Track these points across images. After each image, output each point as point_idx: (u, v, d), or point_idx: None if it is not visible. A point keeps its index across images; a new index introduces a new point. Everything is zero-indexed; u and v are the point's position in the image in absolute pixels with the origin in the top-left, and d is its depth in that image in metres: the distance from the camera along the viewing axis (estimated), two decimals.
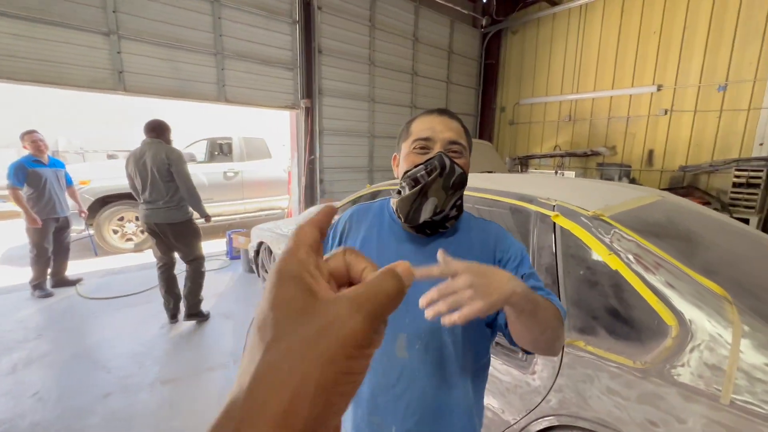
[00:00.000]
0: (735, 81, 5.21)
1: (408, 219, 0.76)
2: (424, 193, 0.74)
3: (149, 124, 2.84)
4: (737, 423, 0.90)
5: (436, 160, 0.74)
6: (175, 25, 4.07)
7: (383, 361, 0.76)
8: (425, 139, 0.77)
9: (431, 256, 0.73)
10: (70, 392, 2.23)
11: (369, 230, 0.83)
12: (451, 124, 0.79)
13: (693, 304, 1.04)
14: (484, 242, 0.81)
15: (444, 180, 0.74)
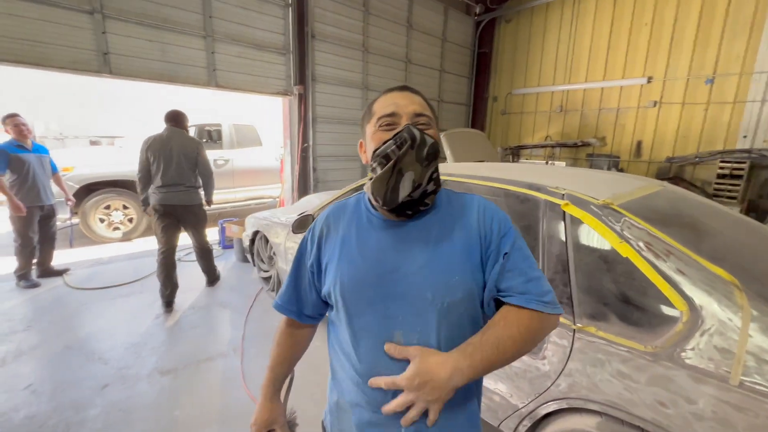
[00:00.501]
0: (722, 74, 5.33)
1: (386, 201, 0.71)
2: (398, 169, 0.69)
3: (171, 113, 3.08)
4: (746, 402, 0.94)
5: (405, 132, 0.69)
6: (163, 5, 3.90)
7: (380, 363, 0.72)
8: (390, 114, 0.74)
9: (413, 239, 0.74)
10: (66, 384, 2.18)
11: (347, 228, 0.80)
12: (414, 98, 0.77)
13: (703, 290, 1.07)
14: (463, 216, 0.77)
15: (417, 152, 0.69)
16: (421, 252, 0.73)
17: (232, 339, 2.73)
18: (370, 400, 0.73)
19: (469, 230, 0.75)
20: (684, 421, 1.01)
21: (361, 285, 0.74)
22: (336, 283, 0.76)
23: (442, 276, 0.71)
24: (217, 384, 2.24)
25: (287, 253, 2.90)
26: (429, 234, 0.75)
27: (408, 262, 0.72)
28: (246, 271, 4.08)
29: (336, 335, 0.81)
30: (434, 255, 0.72)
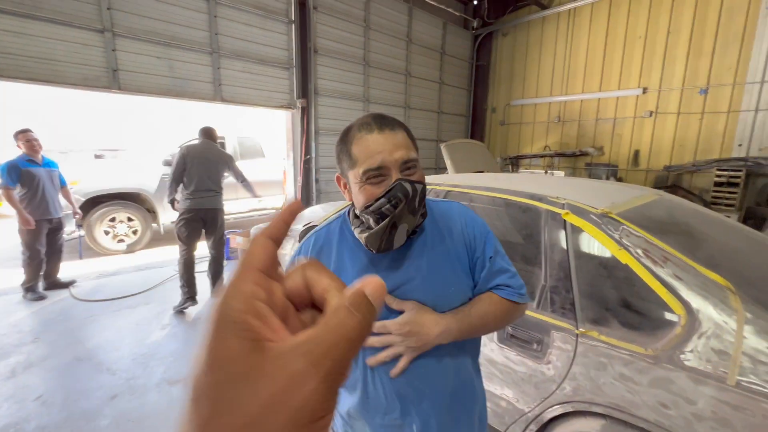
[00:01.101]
0: (716, 85, 5.45)
1: (381, 250, 0.74)
2: (394, 224, 0.71)
3: (206, 129, 3.42)
4: (742, 402, 0.98)
5: (398, 192, 0.69)
6: (171, 23, 4.03)
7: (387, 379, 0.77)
8: (378, 168, 0.70)
9: (408, 257, 0.78)
10: (75, 395, 2.20)
11: (339, 255, 0.81)
12: (397, 138, 0.72)
13: (699, 294, 1.12)
14: (452, 229, 0.82)
15: (409, 204, 0.70)
16: (417, 268, 0.78)
17: None
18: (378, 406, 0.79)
19: (455, 240, 0.81)
20: (685, 422, 1.05)
21: None
22: None
23: (440, 289, 0.77)
24: None
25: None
26: (421, 251, 0.79)
27: (407, 281, 0.77)
28: None
29: None
30: (430, 269, 0.78)
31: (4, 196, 3.21)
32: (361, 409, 0.82)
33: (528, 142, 7.78)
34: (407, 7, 6.42)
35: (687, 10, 5.59)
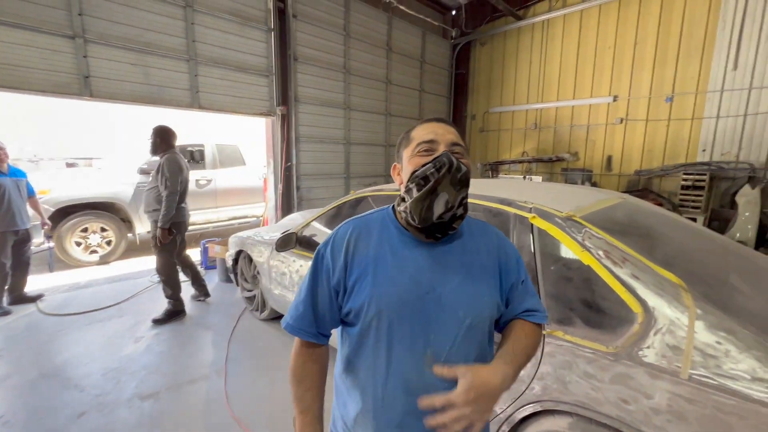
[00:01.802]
0: (680, 93, 5.73)
1: (422, 218, 0.77)
2: (435, 190, 0.76)
3: (173, 133, 3.26)
4: (695, 394, 1.03)
5: (444, 157, 0.76)
6: (146, 30, 3.97)
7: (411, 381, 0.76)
8: (429, 141, 0.80)
9: (445, 261, 0.81)
10: (40, 414, 2.10)
11: (380, 244, 0.82)
12: (451, 129, 0.83)
13: (655, 292, 1.17)
14: (489, 246, 0.87)
15: (452, 176, 0.76)
16: (453, 274, 0.80)
17: (215, 360, 2.70)
18: (392, 417, 0.78)
19: (491, 256, 0.85)
20: (644, 416, 1.09)
21: (400, 304, 0.77)
22: (372, 303, 0.77)
23: (473, 297, 0.79)
24: (200, 406, 2.20)
25: (271, 271, 2.92)
26: (460, 259, 0.82)
27: (442, 283, 0.78)
28: (230, 291, 4.04)
29: (355, 353, 0.82)
30: (466, 278, 0.80)
31: None
32: (366, 419, 0.80)
33: (507, 149, 7.96)
34: (386, 16, 6.51)
35: (652, 22, 5.88)
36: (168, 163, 3.06)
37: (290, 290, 2.71)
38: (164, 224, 3.03)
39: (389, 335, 0.77)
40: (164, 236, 3.07)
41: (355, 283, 0.79)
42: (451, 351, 0.77)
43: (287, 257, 2.72)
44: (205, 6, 4.37)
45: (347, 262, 0.81)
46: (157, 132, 3.17)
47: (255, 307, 3.36)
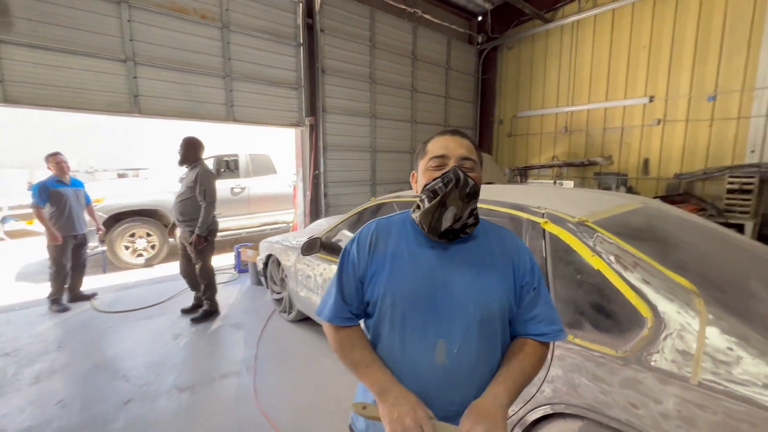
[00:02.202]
0: (724, 91, 5.39)
1: (430, 229, 0.85)
2: (443, 203, 0.82)
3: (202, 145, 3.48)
4: (705, 400, 1.02)
5: (451, 173, 0.82)
6: (187, 51, 4.32)
7: (423, 369, 0.82)
8: (440, 156, 0.86)
9: (459, 260, 0.87)
10: (93, 400, 2.34)
11: (397, 242, 0.90)
12: (463, 142, 0.88)
13: (665, 297, 1.17)
14: (503, 247, 0.91)
15: (459, 191, 0.81)
16: (466, 272, 0.85)
17: (246, 358, 2.86)
18: None
19: (505, 259, 0.89)
20: (653, 421, 1.09)
21: (414, 297, 0.84)
22: (387, 294, 0.85)
23: (483, 293, 0.84)
24: (230, 400, 2.36)
25: (297, 274, 3.07)
26: (472, 257, 0.88)
27: (455, 280, 0.85)
28: (260, 294, 4.25)
29: (375, 341, 0.90)
30: (477, 275, 0.86)
31: (35, 214, 3.47)
32: None
33: (536, 153, 7.79)
34: (411, 26, 6.64)
35: (690, 18, 5.60)
36: (205, 175, 3.26)
37: (315, 292, 2.83)
38: (203, 232, 3.24)
39: (402, 325, 0.84)
40: (200, 242, 3.26)
41: (374, 275, 0.88)
42: (463, 343, 0.82)
43: (312, 261, 2.85)
44: (240, 26, 4.69)
45: (369, 257, 0.90)
46: (187, 143, 3.31)
47: (283, 309, 3.53)
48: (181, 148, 3.31)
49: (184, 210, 3.31)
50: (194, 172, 3.27)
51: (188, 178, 3.31)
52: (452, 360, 0.82)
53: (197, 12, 4.35)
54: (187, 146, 3.31)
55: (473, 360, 0.83)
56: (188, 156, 3.32)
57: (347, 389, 2.45)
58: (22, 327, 3.36)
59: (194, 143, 3.34)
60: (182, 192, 3.31)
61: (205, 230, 3.26)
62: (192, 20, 4.31)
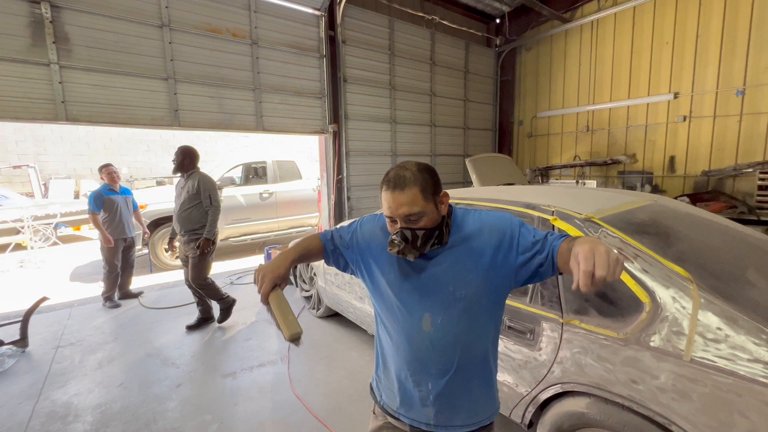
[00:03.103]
0: (753, 85, 5.26)
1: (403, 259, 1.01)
2: (403, 253, 0.97)
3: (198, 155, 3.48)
4: (696, 375, 1.14)
5: (399, 237, 0.95)
6: (221, 67, 4.67)
7: (413, 335, 1.00)
8: (389, 216, 0.97)
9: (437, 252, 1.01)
10: (148, 383, 2.64)
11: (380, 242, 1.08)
12: (402, 197, 0.93)
13: (662, 284, 1.29)
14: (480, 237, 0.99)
15: (411, 245, 0.95)
16: (443, 259, 1.00)
17: (280, 349, 3.10)
18: (406, 362, 1.03)
19: (481, 243, 0.99)
20: (651, 395, 1.21)
21: (398, 278, 1.02)
22: (381, 274, 1.05)
23: (459, 275, 0.99)
24: (268, 386, 2.59)
25: (326, 273, 3.29)
26: (450, 248, 1.02)
27: (435, 266, 1.00)
28: (290, 292, 4.51)
29: (379, 313, 1.10)
30: (453, 261, 1.01)
31: (91, 219, 3.86)
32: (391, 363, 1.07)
33: (557, 153, 7.76)
34: (430, 32, 6.81)
35: (716, 12, 5.50)
36: (207, 181, 3.32)
37: (343, 289, 3.04)
38: (212, 235, 3.32)
39: (397, 301, 1.03)
40: (208, 245, 3.30)
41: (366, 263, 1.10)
42: (445, 316, 0.98)
43: None
44: (268, 42, 5.01)
45: (364, 241, 1.11)
46: (183, 152, 3.31)
47: (312, 306, 3.76)
48: (177, 156, 3.32)
49: (189, 219, 3.30)
50: (194, 179, 3.29)
51: (187, 187, 3.30)
52: (437, 329, 0.99)
53: (229, 31, 4.70)
54: (184, 155, 3.32)
55: (455, 329, 0.99)
56: (185, 164, 3.32)
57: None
58: (82, 321, 3.74)
59: (191, 152, 3.35)
60: (183, 201, 3.29)
61: (214, 233, 3.34)
62: (225, 39, 4.66)
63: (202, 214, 3.32)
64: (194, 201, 3.28)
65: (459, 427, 1.03)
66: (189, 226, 3.31)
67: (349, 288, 2.93)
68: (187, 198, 3.27)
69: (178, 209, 3.33)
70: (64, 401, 2.45)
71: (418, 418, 1.04)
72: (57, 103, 3.75)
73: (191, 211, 3.29)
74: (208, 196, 3.30)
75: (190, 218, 3.30)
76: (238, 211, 6.26)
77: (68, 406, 2.40)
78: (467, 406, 1.02)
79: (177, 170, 3.36)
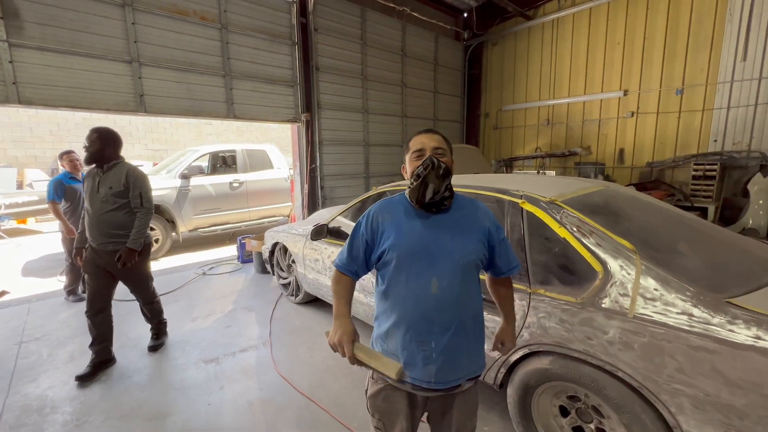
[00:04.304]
0: (690, 85, 5.85)
1: (417, 201, 1.17)
2: (425, 182, 1.13)
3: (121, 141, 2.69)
4: (637, 328, 1.37)
5: (428, 161, 1.15)
6: (189, 51, 4.51)
7: (421, 297, 1.13)
8: (419, 150, 1.20)
9: (443, 224, 1.21)
10: (128, 373, 2.62)
11: (399, 215, 1.22)
12: (434, 137, 1.22)
13: (612, 255, 1.52)
14: (474, 216, 1.23)
15: (435, 171, 1.13)
16: (449, 231, 1.17)
17: (261, 335, 3.16)
18: (412, 323, 1.15)
19: (476, 221, 1.22)
20: (602, 348, 1.44)
21: (411, 249, 1.15)
22: (394, 248, 1.16)
23: (462, 246, 1.17)
24: (253, 369, 2.66)
25: (305, 259, 3.36)
26: (451, 223, 1.20)
27: (440, 237, 1.16)
28: (266, 280, 4.53)
29: (387, 284, 1.20)
30: (458, 233, 1.19)
31: (51, 209, 3.66)
32: (395, 329, 1.19)
33: (520, 145, 8.19)
34: (400, 23, 6.90)
35: (660, 17, 6.02)
36: (138, 177, 2.58)
37: (323, 274, 3.14)
38: (138, 245, 2.57)
39: (407, 269, 1.16)
40: (132, 257, 2.56)
41: (382, 237, 1.21)
42: (450, 279, 1.15)
43: (319, 246, 3.15)
44: (238, 26, 4.89)
45: (377, 226, 1.22)
46: (104, 137, 2.50)
47: (290, 293, 3.82)
48: (94, 142, 2.47)
49: (114, 223, 2.52)
50: (118, 173, 2.52)
51: (108, 182, 2.50)
52: (443, 291, 1.14)
53: (197, 13, 4.54)
54: (105, 140, 2.50)
55: (458, 291, 1.16)
56: (106, 153, 2.51)
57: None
58: (44, 316, 3.57)
59: (114, 137, 2.56)
60: (103, 200, 2.48)
61: (141, 243, 2.60)
62: (193, 22, 4.50)
63: (129, 219, 2.56)
64: (119, 200, 2.50)
65: (454, 381, 1.18)
66: (108, 232, 2.51)
67: (330, 273, 3.03)
68: (109, 196, 2.48)
69: (95, 211, 2.50)
70: (37, 394, 2.39)
71: (420, 377, 1.15)
72: (8, 84, 3.49)
73: (114, 213, 2.50)
74: (139, 195, 2.55)
75: (113, 222, 2.51)
76: (207, 200, 6.10)
77: (43, 399, 2.34)
78: (465, 361, 1.18)
79: (93, 160, 2.50)
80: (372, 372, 1.28)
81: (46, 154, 10.30)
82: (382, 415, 1.25)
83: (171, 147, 11.67)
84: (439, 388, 1.17)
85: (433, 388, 1.17)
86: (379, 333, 1.26)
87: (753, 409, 1.13)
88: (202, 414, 2.20)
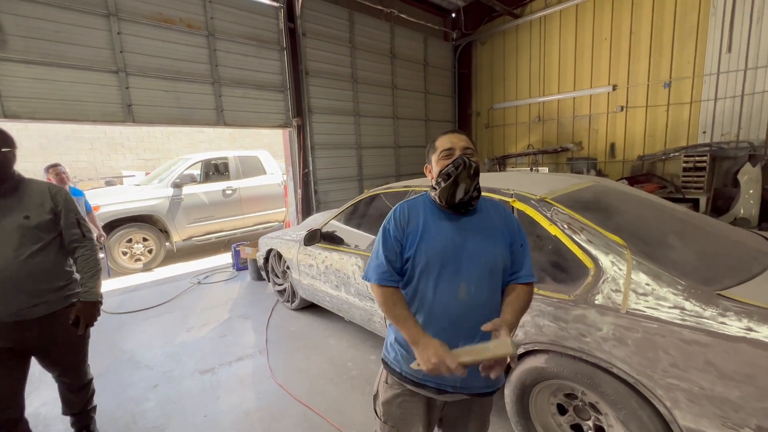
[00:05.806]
0: (677, 78, 5.90)
1: (448, 201, 1.14)
2: (456, 181, 1.12)
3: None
4: (630, 323, 1.37)
5: (459, 160, 1.12)
6: (176, 59, 4.48)
7: (450, 303, 1.12)
8: (449, 149, 1.16)
9: (470, 227, 1.19)
10: (122, 386, 2.58)
11: (425, 216, 1.19)
12: (463, 137, 1.20)
13: (603, 252, 1.51)
14: (499, 217, 1.22)
15: (467, 171, 1.11)
16: (476, 236, 1.16)
17: (257, 343, 3.13)
18: (439, 329, 1.10)
19: (501, 224, 1.20)
20: (596, 344, 1.44)
21: (441, 253, 1.12)
22: (423, 251, 1.13)
23: (490, 251, 1.15)
24: (249, 378, 2.63)
25: (300, 265, 3.34)
26: (479, 226, 1.19)
27: (469, 241, 1.14)
28: (261, 287, 4.49)
29: (414, 289, 1.16)
30: (485, 238, 1.17)
31: None
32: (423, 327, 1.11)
33: (512, 143, 8.22)
34: (389, 25, 6.90)
35: (646, 12, 6.08)
36: (65, 197, 1.72)
37: (318, 279, 3.12)
38: (99, 295, 1.83)
39: (436, 274, 1.14)
40: (96, 314, 1.84)
41: (409, 240, 1.17)
42: (477, 285, 1.13)
43: (313, 251, 3.13)
44: (225, 33, 4.87)
45: (405, 228, 1.18)
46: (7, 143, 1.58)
47: (286, 299, 3.80)
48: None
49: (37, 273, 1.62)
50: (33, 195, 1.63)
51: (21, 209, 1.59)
52: (471, 296, 1.13)
53: (183, 21, 4.51)
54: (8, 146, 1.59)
55: (485, 296, 1.14)
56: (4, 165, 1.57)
57: (353, 362, 2.76)
58: None
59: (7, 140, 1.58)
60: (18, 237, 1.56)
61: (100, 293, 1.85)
62: (179, 30, 4.48)
63: (62, 260, 1.75)
64: (45, 235, 1.64)
65: (478, 387, 1.16)
66: (44, 284, 1.66)
67: (324, 278, 3.01)
68: (27, 232, 1.59)
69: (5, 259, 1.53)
70: (29, 412, 2.33)
71: (446, 380, 1.12)
72: None
73: (40, 256, 1.63)
74: (77, 221, 1.74)
75: (43, 269, 1.65)
76: (200, 209, 6.06)
77: (36, 417, 2.31)
78: None
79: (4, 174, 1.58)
80: (386, 377, 1.24)
81: (36, 167, 10.18)
82: (396, 422, 1.23)
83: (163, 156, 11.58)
84: (463, 392, 1.16)
85: (457, 392, 1.16)
86: (391, 340, 1.23)
87: (747, 401, 1.13)
88: (198, 426, 2.17)
